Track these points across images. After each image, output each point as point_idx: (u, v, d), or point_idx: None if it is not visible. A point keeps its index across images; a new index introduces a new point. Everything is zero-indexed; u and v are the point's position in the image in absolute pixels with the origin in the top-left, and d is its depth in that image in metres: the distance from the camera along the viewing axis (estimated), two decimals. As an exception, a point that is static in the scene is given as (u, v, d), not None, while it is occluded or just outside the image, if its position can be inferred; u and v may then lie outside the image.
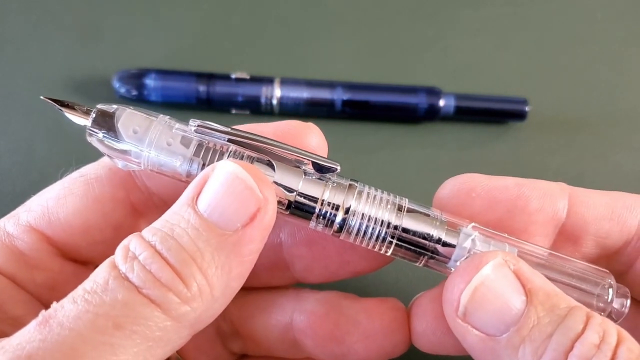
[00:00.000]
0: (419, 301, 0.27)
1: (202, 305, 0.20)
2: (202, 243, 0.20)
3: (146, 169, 0.23)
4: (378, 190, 0.24)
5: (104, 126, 0.22)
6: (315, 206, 0.23)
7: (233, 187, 0.20)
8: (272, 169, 0.23)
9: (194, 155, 0.23)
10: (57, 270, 0.25)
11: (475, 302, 0.21)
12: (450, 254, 0.23)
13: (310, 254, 0.27)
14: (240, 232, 0.20)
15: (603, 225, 0.25)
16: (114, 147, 0.23)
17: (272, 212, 0.21)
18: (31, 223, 0.25)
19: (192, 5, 0.47)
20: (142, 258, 0.19)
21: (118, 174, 0.25)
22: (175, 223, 0.20)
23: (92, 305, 0.18)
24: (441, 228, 0.23)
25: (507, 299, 0.21)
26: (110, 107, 0.23)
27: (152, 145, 0.22)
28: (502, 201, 0.25)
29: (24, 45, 0.44)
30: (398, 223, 0.23)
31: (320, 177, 0.23)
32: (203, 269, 0.19)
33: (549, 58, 0.47)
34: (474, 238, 0.23)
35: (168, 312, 0.19)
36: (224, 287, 0.20)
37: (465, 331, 0.21)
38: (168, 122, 0.23)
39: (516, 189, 0.25)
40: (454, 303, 0.22)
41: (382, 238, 0.23)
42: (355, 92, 0.42)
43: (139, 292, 0.19)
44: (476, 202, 0.25)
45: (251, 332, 0.29)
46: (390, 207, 0.23)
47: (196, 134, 0.23)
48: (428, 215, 0.23)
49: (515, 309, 0.21)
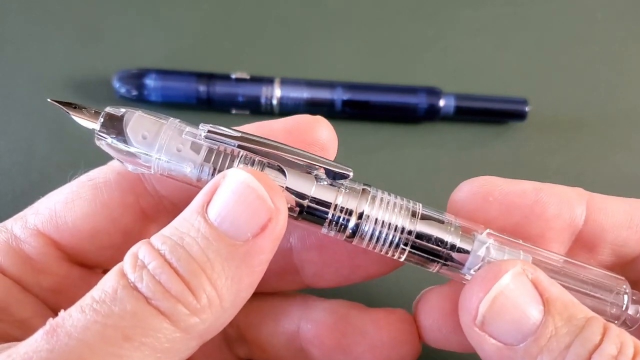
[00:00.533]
0: (426, 297, 0.26)
1: (211, 317, 0.19)
2: (212, 253, 0.19)
3: (156, 173, 0.23)
4: (391, 195, 0.23)
5: (113, 130, 0.22)
6: (327, 212, 0.22)
7: (244, 197, 0.20)
8: (284, 175, 0.22)
9: (204, 160, 0.22)
10: (63, 275, 0.25)
11: (494, 311, 0.21)
12: (464, 260, 0.23)
13: (321, 258, 0.26)
14: (251, 242, 0.20)
15: (621, 233, 0.25)
16: (124, 151, 0.22)
17: (284, 222, 0.21)
18: (38, 227, 0.24)
19: (192, 5, 0.47)
20: (151, 268, 0.19)
21: (127, 178, 0.25)
22: (185, 231, 0.20)
23: (100, 316, 0.18)
24: (455, 234, 0.23)
25: (525, 309, 0.21)
26: (118, 110, 0.22)
27: (162, 151, 0.22)
28: (519, 206, 0.24)
29: (24, 45, 0.44)
30: (412, 229, 0.23)
31: (333, 183, 0.23)
32: (213, 280, 0.19)
33: (549, 58, 0.47)
34: (488, 245, 0.23)
35: (177, 324, 0.19)
36: (234, 298, 0.20)
37: (483, 340, 0.21)
38: (178, 126, 0.23)
39: (534, 195, 0.24)
40: (472, 312, 0.21)
41: (396, 244, 0.23)
42: (355, 92, 0.42)
43: (149, 303, 0.18)
44: (493, 206, 0.24)
45: (258, 339, 0.29)
46: (404, 213, 0.23)
47: (206, 139, 0.22)
48: (442, 222, 0.23)
49: (533, 319, 0.20)
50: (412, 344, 0.27)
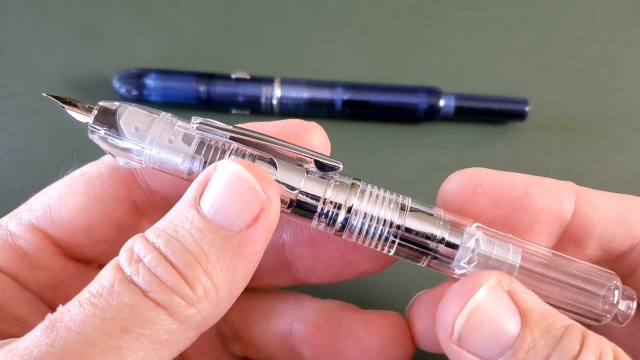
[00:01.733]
0: (420, 299, 0.26)
1: (208, 307, 0.20)
2: (206, 245, 0.19)
3: (147, 166, 0.23)
4: (381, 189, 0.24)
5: (106, 123, 0.22)
6: (317, 205, 0.23)
7: (236, 188, 0.20)
8: (274, 167, 0.22)
9: (195, 153, 0.22)
10: (59, 269, 0.25)
11: (470, 327, 0.21)
12: (453, 254, 0.23)
13: (313, 254, 0.27)
14: (244, 233, 0.20)
15: (608, 228, 0.25)
16: (116, 145, 0.23)
17: (276, 212, 0.21)
18: (33, 222, 0.25)
19: (192, 5, 0.47)
20: (146, 261, 0.19)
21: (120, 172, 0.25)
22: (178, 224, 0.20)
23: (98, 309, 0.18)
24: (444, 228, 0.23)
25: (501, 322, 0.20)
26: (112, 104, 0.23)
27: (154, 143, 0.22)
28: (508, 198, 0.24)
29: (24, 45, 0.44)
30: (401, 222, 0.23)
31: (323, 176, 0.23)
32: (208, 271, 0.19)
33: (549, 58, 0.47)
34: (477, 238, 0.23)
35: (174, 315, 0.19)
36: (229, 288, 0.20)
37: (461, 356, 0.21)
38: (170, 120, 0.23)
39: (523, 187, 0.24)
40: (448, 328, 0.21)
41: (385, 238, 0.23)
42: (355, 92, 0.42)
43: (145, 295, 0.19)
44: (482, 198, 0.24)
45: (251, 337, 0.29)
46: (393, 207, 0.23)
47: (198, 131, 0.22)
48: (431, 215, 0.23)
49: (511, 332, 0.20)
50: (404, 348, 0.26)
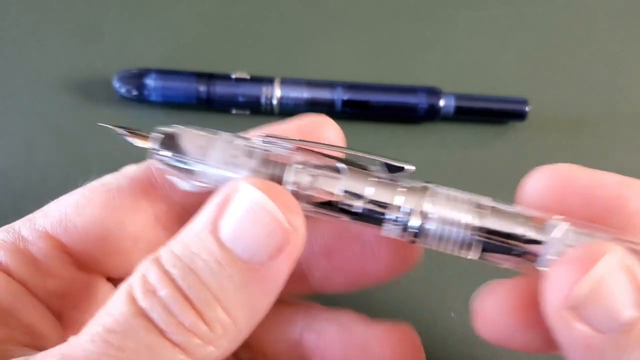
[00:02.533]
0: (493, 289, 0.25)
1: (226, 344, 0.19)
2: (225, 280, 0.19)
3: (210, 185, 0.22)
4: (457, 190, 0.22)
5: (169, 148, 0.22)
6: (387, 212, 0.21)
7: (259, 218, 0.19)
8: (339, 175, 0.22)
9: (259, 167, 0.22)
10: (69, 279, 0.25)
11: (589, 295, 0.19)
12: (540, 251, 0.21)
13: (330, 264, 0.26)
14: (267, 266, 0.19)
15: None
16: (180, 168, 0.22)
17: (301, 242, 0.20)
18: (47, 229, 0.24)
19: (192, 5, 0.47)
20: (162, 295, 0.18)
21: (140, 184, 0.25)
22: (196, 252, 0.19)
23: (113, 349, 0.17)
24: (529, 225, 0.21)
25: (621, 295, 0.19)
26: (170, 128, 0.22)
27: (218, 163, 0.22)
28: (600, 199, 0.23)
29: (24, 45, 0.44)
30: (482, 224, 0.21)
31: (392, 180, 0.22)
32: (227, 309, 0.19)
33: (549, 58, 0.47)
34: (566, 232, 0.21)
35: (192, 355, 0.18)
36: (249, 321, 0.20)
37: (571, 325, 0.20)
38: (228, 137, 0.22)
39: (616, 188, 0.23)
40: (563, 293, 0.20)
41: (467, 242, 0.22)
42: (355, 92, 0.42)
43: (162, 335, 0.18)
44: (571, 197, 0.23)
45: (260, 345, 0.28)
46: (472, 208, 0.22)
47: (263, 145, 0.22)
48: (515, 213, 0.22)
49: (630, 307, 0.19)
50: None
